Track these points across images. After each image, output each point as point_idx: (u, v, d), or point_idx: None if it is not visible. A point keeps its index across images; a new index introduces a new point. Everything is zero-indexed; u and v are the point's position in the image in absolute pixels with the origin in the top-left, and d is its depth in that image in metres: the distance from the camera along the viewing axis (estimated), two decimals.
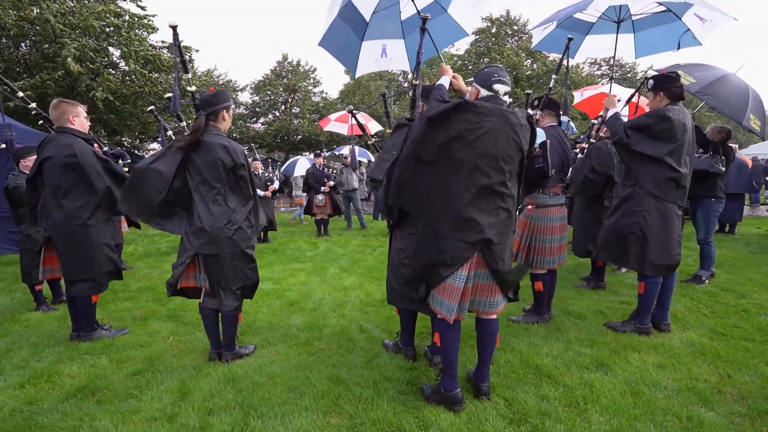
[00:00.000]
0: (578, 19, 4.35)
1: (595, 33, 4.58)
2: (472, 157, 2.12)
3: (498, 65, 2.34)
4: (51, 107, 3.24)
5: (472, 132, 2.11)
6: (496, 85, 2.24)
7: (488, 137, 2.12)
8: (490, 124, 2.12)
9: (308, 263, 6.14)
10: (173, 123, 13.38)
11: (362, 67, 3.91)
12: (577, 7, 3.85)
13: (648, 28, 4.37)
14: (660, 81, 3.17)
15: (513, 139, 2.20)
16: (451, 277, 2.21)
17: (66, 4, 13.19)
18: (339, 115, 11.89)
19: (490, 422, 2.18)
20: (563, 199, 3.56)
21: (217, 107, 2.79)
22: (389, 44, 3.83)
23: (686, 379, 2.59)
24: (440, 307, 2.27)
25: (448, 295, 2.23)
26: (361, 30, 3.65)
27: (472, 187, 2.15)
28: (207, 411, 2.33)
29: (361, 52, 3.79)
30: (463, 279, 2.20)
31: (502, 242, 2.25)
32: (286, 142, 29.27)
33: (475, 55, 26.03)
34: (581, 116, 20.28)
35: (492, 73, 2.26)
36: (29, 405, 2.41)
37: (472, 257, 2.20)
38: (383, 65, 3.97)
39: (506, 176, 2.21)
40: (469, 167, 2.13)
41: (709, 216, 4.76)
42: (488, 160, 2.14)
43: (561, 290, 4.28)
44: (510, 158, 2.21)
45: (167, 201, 2.70)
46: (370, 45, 3.78)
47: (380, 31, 3.71)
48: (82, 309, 3.26)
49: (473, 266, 2.22)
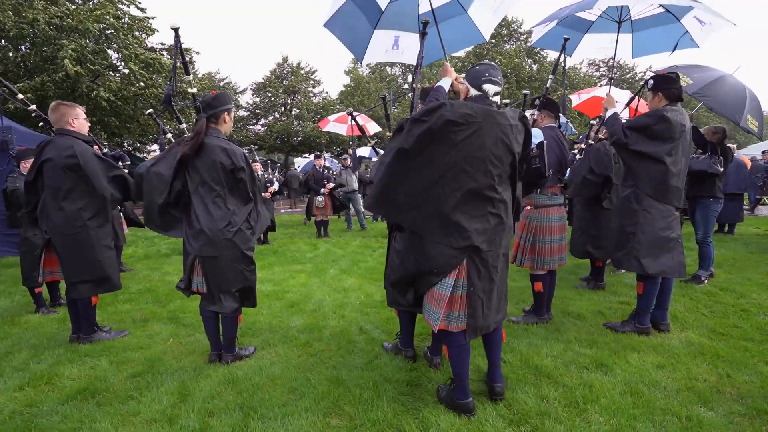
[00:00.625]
0: (578, 17, 4.34)
1: (594, 32, 4.58)
2: (458, 159, 2.04)
3: (490, 63, 2.27)
4: (50, 110, 3.24)
5: (457, 134, 2.02)
6: (485, 85, 2.18)
7: (475, 139, 2.04)
8: (476, 126, 2.03)
9: (308, 265, 6.15)
10: (172, 125, 13.38)
11: (371, 56, 3.77)
12: (581, 5, 3.83)
13: (646, 28, 4.37)
14: (659, 82, 3.17)
15: (502, 141, 2.11)
16: (438, 285, 2.16)
17: (65, 7, 13.18)
18: (338, 116, 11.93)
19: (489, 423, 2.18)
20: (562, 199, 3.57)
21: (218, 110, 2.79)
22: (402, 36, 3.69)
23: (685, 379, 2.59)
24: (427, 315, 2.24)
25: (435, 303, 2.18)
26: (375, 17, 3.52)
27: (457, 191, 2.06)
28: (207, 413, 2.33)
29: (372, 39, 3.66)
30: (449, 287, 2.14)
31: (493, 249, 2.17)
32: (286, 143, 29.28)
33: (475, 56, 26.08)
34: (579, 116, 20.32)
35: (483, 72, 2.20)
36: (29, 407, 2.41)
37: (461, 265, 2.13)
38: (393, 57, 3.84)
39: (495, 180, 2.12)
40: (454, 170, 2.05)
41: (707, 216, 4.77)
42: (475, 163, 2.06)
43: (560, 291, 4.29)
44: (499, 161, 2.12)
45: (168, 204, 2.71)
46: (383, 34, 3.66)
47: (395, 21, 3.59)
48: (82, 311, 3.26)
49: (462, 274, 2.14)
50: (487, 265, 2.16)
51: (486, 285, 2.18)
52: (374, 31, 3.62)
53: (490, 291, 2.20)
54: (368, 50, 3.71)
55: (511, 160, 2.20)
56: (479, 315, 2.16)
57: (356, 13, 3.46)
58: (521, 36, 27.01)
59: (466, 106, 2.08)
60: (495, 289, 2.23)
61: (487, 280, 2.18)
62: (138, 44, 14.77)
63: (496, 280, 2.22)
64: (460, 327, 2.18)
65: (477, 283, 2.15)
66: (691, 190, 4.81)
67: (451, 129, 2.02)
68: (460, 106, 2.07)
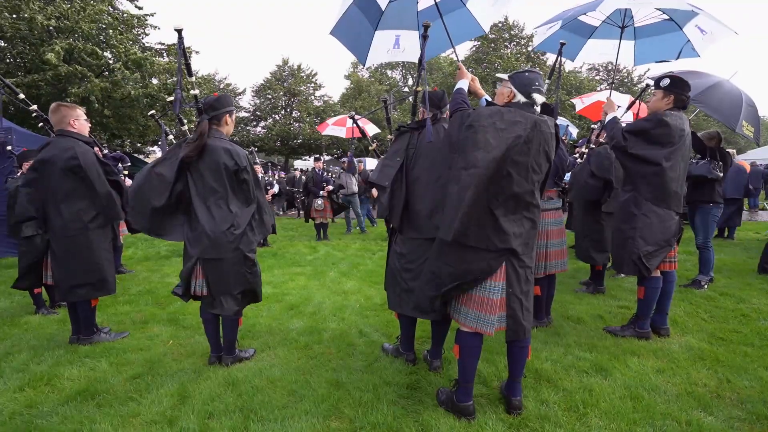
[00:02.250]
0: (582, 21, 4.36)
1: (597, 37, 4.59)
2: (505, 164, 2.09)
3: (538, 72, 2.28)
4: (50, 111, 3.24)
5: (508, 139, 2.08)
6: (535, 94, 2.21)
7: (523, 145, 2.09)
8: (525, 133, 2.09)
9: (308, 267, 6.15)
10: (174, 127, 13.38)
11: (373, 57, 3.80)
12: (585, 8, 3.83)
13: (648, 36, 4.38)
14: (676, 84, 3.13)
15: (544, 149, 2.18)
16: (485, 290, 2.17)
17: (61, 7, 13.18)
18: (337, 119, 11.97)
19: (489, 426, 2.19)
20: (559, 203, 3.58)
21: (220, 111, 2.80)
22: (403, 35, 3.72)
23: (685, 384, 2.60)
24: (474, 322, 2.21)
25: (486, 308, 2.17)
26: (376, 18, 3.55)
27: (500, 195, 2.12)
28: (207, 414, 2.33)
29: (374, 41, 3.69)
30: (499, 290, 2.16)
31: (527, 253, 2.22)
32: (286, 145, 29.33)
33: (474, 61, 26.16)
34: (579, 119, 20.37)
35: (534, 80, 2.22)
36: (29, 408, 2.40)
37: (500, 268, 2.16)
38: (395, 56, 3.85)
39: (534, 186, 2.18)
40: (500, 174, 2.09)
41: (707, 221, 4.78)
42: (519, 169, 2.11)
43: (560, 295, 4.29)
44: (539, 167, 2.18)
45: (168, 206, 2.69)
46: (384, 35, 3.69)
47: (395, 20, 3.62)
48: (82, 312, 3.26)
49: (501, 277, 2.17)
50: (524, 267, 2.21)
51: (524, 287, 2.22)
52: (375, 32, 3.65)
53: (527, 293, 2.24)
54: (370, 52, 3.74)
55: (547, 168, 2.26)
56: (519, 317, 2.20)
57: (359, 17, 3.50)
58: (522, 40, 27.10)
59: (517, 113, 2.12)
60: (531, 290, 2.27)
61: (524, 282, 2.22)
62: (133, 41, 14.74)
63: (531, 281, 2.27)
64: (500, 329, 2.20)
65: (516, 285, 2.19)
66: (690, 195, 4.82)
67: (505, 136, 2.08)
68: (509, 113, 2.11)
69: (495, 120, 2.10)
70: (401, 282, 2.70)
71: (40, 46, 13.09)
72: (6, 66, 13.30)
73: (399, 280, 2.72)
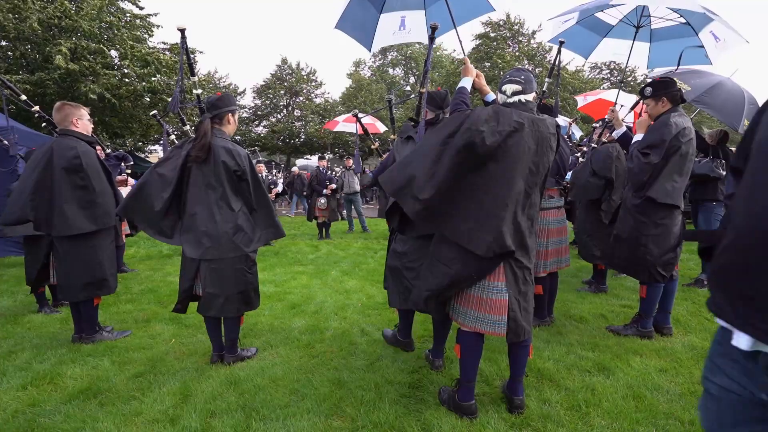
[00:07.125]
0: (599, 18, 4.31)
1: (613, 36, 4.53)
2: (506, 166, 2.07)
3: (523, 69, 2.27)
4: (54, 110, 3.25)
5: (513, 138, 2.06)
6: (505, 85, 2.20)
7: (525, 146, 2.08)
8: (521, 133, 2.07)
9: (310, 266, 6.15)
10: (176, 125, 13.40)
11: (378, 41, 3.76)
12: (601, 4, 3.78)
13: (664, 39, 4.33)
14: (660, 87, 3.12)
15: (542, 150, 2.16)
16: (485, 290, 2.16)
17: (63, 7, 13.19)
18: (346, 117, 11.98)
19: (491, 425, 2.18)
20: (560, 202, 3.57)
21: (223, 110, 2.79)
22: (408, 16, 3.67)
23: (688, 383, 2.59)
24: (467, 320, 2.21)
25: (494, 310, 2.15)
26: (380, 2, 3.55)
27: (500, 197, 2.09)
28: (209, 413, 2.33)
29: (379, 24, 3.66)
30: (499, 290, 2.14)
31: (526, 253, 2.21)
32: (288, 144, 29.34)
33: (476, 60, 26.10)
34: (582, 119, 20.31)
35: (507, 74, 2.22)
36: (31, 407, 2.41)
37: (498, 268, 2.14)
38: (400, 38, 3.80)
39: (534, 186, 2.18)
40: (500, 176, 2.08)
41: (710, 220, 4.77)
42: (522, 169, 2.10)
43: (562, 294, 4.28)
44: (542, 167, 2.18)
45: (169, 208, 2.68)
46: (389, 17, 3.66)
47: (400, 2, 3.59)
48: (85, 311, 3.27)
49: (500, 278, 2.15)
50: (522, 268, 2.19)
51: (522, 287, 2.21)
52: (380, 15, 3.63)
53: (525, 293, 2.23)
54: (376, 36, 3.71)
55: (547, 168, 2.24)
56: (519, 318, 2.18)
57: (363, 3, 3.49)
58: (522, 39, 27.01)
59: (513, 113, 2.10)
60: (529, 291, 2.26)
61: (522, 283, 2.21)
62: (138, 41, 14.78)
63: (530, 281, 2.25)
64: (499, 334, 2.18)
65: (514, 286, 2.17)
66: (693, 193, 4.80)
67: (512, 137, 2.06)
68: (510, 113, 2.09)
69: (492, 123, 2.07)
70: (404, 281, 2.72)
71: (44, 46, 13.12)
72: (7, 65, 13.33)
73: (402, 279, 2.73)
